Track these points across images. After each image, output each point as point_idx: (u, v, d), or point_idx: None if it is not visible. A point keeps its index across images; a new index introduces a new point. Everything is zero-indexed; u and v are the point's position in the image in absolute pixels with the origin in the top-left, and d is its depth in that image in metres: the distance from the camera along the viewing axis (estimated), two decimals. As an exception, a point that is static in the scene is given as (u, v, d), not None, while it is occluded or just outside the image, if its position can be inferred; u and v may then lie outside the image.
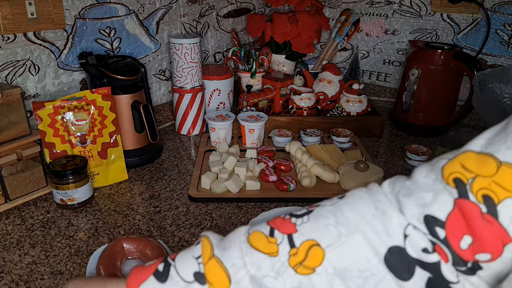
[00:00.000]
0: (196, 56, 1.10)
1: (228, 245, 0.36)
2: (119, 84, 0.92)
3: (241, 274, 0.34)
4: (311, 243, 0.33)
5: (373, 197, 0.35)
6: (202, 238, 0.37)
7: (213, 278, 0.34)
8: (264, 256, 0.34)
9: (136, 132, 0.97)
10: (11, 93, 0.76)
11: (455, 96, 1.18)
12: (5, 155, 0.76)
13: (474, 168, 0.30)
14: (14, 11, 0.80)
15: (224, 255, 0.35)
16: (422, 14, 1.33)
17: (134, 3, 1.06)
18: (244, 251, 0.35)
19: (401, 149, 1.10)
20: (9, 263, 0.65)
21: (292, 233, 0.35)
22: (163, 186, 0.90)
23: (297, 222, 0.35)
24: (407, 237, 0.32)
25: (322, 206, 0.37)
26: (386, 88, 1.46)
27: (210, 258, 0.35)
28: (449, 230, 0.30)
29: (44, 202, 0.82)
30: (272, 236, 0.35)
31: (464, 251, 0.30)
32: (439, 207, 0.31)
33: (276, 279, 0.33)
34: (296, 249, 0.34)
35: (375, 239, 0.32)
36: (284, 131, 1.09)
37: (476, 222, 0.29)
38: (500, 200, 0.29)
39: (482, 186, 0.29)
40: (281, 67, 1.38)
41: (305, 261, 0.33)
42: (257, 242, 0.35)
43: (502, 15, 1.19)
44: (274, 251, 0.34)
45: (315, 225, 0.35)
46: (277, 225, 0.36)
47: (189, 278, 0.35)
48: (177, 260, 0.37)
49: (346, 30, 1.37)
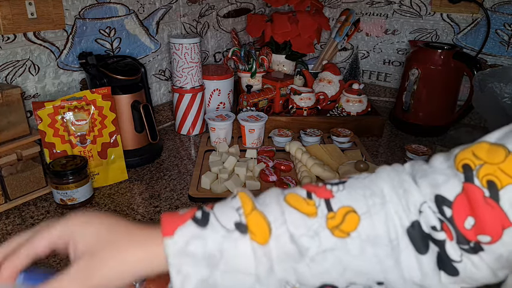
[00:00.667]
0: (196, 56, 1.10)
1: (267, 201, 0.37)
2: (118, 84, 0.92)
3: (282, 230, 0.34)
4: (348, 209, 0.35)
5: (399, 176, 0.37)
6: (238, 193, 0.38)
7: (256, 229, 0.34)
8: (303, 216, 0.35)
9: (136, 132, 0.97)
10: (11, 93, 0.77)
11: (455, 96, 1.18)
12: (5, 155, 0.76)
13: (484, 157, 0.32)
14: (14, 11, 0.80)
15: (266, 210, 0.35)
16: (422, 14, 1.33)
17: (134, 3, 1.06)
18: (283, 208, 0.35)
19: (401, 149, 1.10)
20: (9, 263, 0.65)
21: (329, 198, 0.36)
22: (163, 186, 0.90)
23: (333, 189, 0.37)
24: (422, 214, 0.34)
25: (355, 178, 0.38)
26: (386, 88, 1.46)
27: (253, 210, 0.35)
28: (455, 210, 0.32)
29: (44, 202, 0.82)
30: (310, 198, 0.36)
31: (467, 231, 0.32)
32: (448, 189, 0.33)
33: (313, 239, 0.34)
34: (334, 213, 0.35)
35: (401, 212, 0.34)
36: (284, 131, 1.09)
37: (479, 205, 0.31)
38: (503, 186, 0.30)
39: (488, 172, 0.31)
40: (281, 67, 1.38)
41: (341, 225, 0.34)
42: (296, 202, 0.36)
43: (502, 15, 1.19)
44: (313, 212, 0.35)
45: (351, 193, 0.36)
46: (313, 190, 0.37)
47: (230, 226, 0.35)
48: (216, 210, 0.37)
49: (346, 30, 1.37)
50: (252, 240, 0.34)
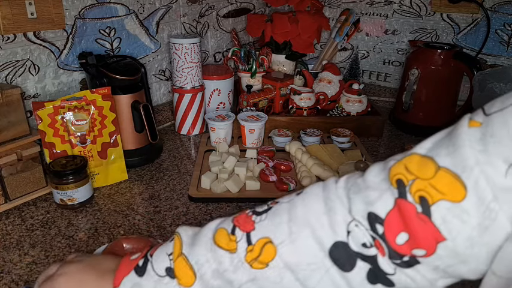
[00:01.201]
0: (196, 56, 1.10)
1: (196, 241, 0.40)
2: (118, 84, 0.92)
3: (205, 269, 0.38)
4: (265, 240, 0.37)
5: (325, 194, 0.38)
6: (176, 235, 0.42)
7: (180, 273, 0.39)
8: (225, 253, 0.38)
9: (136, 132, 0.97)
10: (11, 93, 0.77)
11: (455, 96, 1.18)
12: (5, 155, 0.76)
13: (415, 171, 0.32)
14: (14, 11, 0.80)
15: (191, 252, 0.40)
16: (422, 14, 1.33)
17: (134, 3, 1.06)
18: (209, 247, 0.39)
19: (401, 149, 1.10)
20: (9, 263, 0.65)
21: (250, 231, 0.38)
22: (163, 186, 0.90)
23: (256, 220, 0.39)
24: (350, 233, 0.35)
25: (280, 203, 0.40)
26: (387, 88, 1.46)
27: (179, 255, 0.40)
28: (386, 227, 0.33)
29: (44, 202, 0.82)
30: (233, 234, 0.39)
31: (400, 246, 0.33)
32: (380, 205, 0.34)
33: (235, 273, 0.37)
34: (252, 246, 0.37)
35: (322, 234, 0.35)
36: (284, 131, 1.09)
37: (412, 220, 0.32)
38: (434, 201, 0.31)
39: (419, 188, 0.32)
40: (281, 67, 1.38)
41: (259, 257, 0.37)
42: (220, 240, 0.39)
43: (502, 15, 1.19)
44: (233, 248, 0.38)
45: (270, 223, 0.38)
46: (239, 223, 0.40)
47: (162, 272, 0.40)
48: (154, 256, 0.42)
49: (346, 30, 1.37)
50: (179, 285, 0.39)
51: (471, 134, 0.31)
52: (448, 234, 0.31)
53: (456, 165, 0.31)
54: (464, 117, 0.33)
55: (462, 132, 0.31)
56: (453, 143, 0.32)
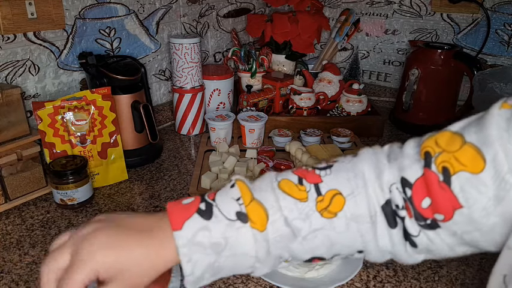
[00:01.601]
0: (196, 56, 1.10)
1: (263, 187, 0.40)
2: (118, 84, 0.92)
3: (278, 216, 0.38)
4: (334, 192, 0.39)
5: (377, 158, 0.41)
6: (236, 182, 0.41)
7: (255, 217, 0.38)
8: (296, 201, 0.39)
9: (137, 132, 0.97)
10: (11, 93, 0.77)
11: (455, 96, 1.18)
12: (5, 155, 0.76)
13: (443, 145, 0.36)
14: (14, 11, 0.80)
15: (262, 197, 0.39)
16: (422, 14, 1.33)
17: (134, 3, 1.06)
18: (278, 195, 0.39)
19: (402, 149, 1.09)
20: (9, 263, 0.65)
21: (318, 183, 0.40)
22: (163, 186, 0.90)
23: (321, 174, 0.41)
24: (391, 193, 0.39)
25: (340, 162, 0.42)
26: (387, 88, 1.46)
27: (251, 200, 0.39)
28: (414, 191, 0.37)
29: (44, 202, 0.82)
30: (301, 184, 0.40)
31: (424, 209, 0.37)
32: (411, 172, 0.38)
33: (304, 221, 0.38)
34: (322, 197, 0.39)
35: (378, 191, 0.39)
36: (284, 131, 1.09)
37: (434, 187, 0.35)
38: (455, 172, 0.34)
39: (443, 159, 0.35)
40: (281, 67, 1.38)
41: (329, 207, 0.39)
42: (289, 188, 0.40)
43: (502, 15, 1.19)
44: (304, 197, 0.39)
45: (336, 177, 0.40)
46: (304, 175, 0.41)
47: (232, 216, 0.38)
48: (218, 201, 0.39)
49: (346, 30, 1.37)
50: (252, 228, 0.37)
51: (501, 114, 0.33)
52: (465, 202, 0.34)
53: (480, 140, 0.34)
54: (499, 100, 0.35)
55: (493, 113, 0.34)
56: (483, 122, 0.34)
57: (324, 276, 0.62)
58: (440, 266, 0.65)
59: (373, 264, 0.66)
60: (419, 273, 0.64)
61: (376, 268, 0.65)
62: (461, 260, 0.66)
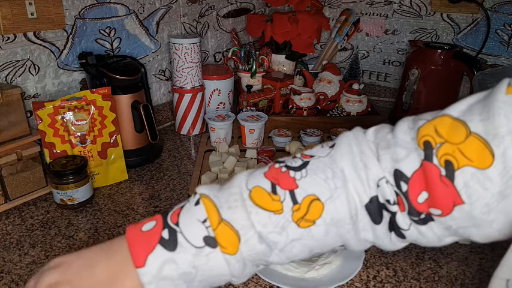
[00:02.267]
0: (196, 56, 1.10)
1: (232, 204, 0.36)
2: (118, 84, 0.92)
3: (251, 233, 0.35)
4: (312, 198, 0.36)
5: (359, 148, 0.37)
6: (201, 198, 0.37)
7: (226, 242, 0.35)
8: (270, 214, 0.35)
9: (137, 132, 0.97)
10: (11, 93, 0.77)
11: (455, 96, 1.18)
12: (5, 155, 0.76)
13: (445, 134, 0.32)
14: (14, 11, 0.80)
15: (232, 218, 0.36)
16: (422, 14, 1.33)
17: (134, 3, 1.06)
18: (249, 209, 0.36)
19: (401, 149, 1.09)
20: (9, 263, 0.65)
21: (293, 189, 0.36)
22: (163, 186, 0.90)
23: (296, 177, 0.37)
24: (379, 188, 0.35)
25: (317, 158, 0.38)
26: (387, 88, 1.46)
27: (220, 222, 0.35)
28: (411, 185, 0.34)
29: (44, 202, 0.82)
30: (275, 193, 0.36)
31: (420, 204, 0.34)
32: (407, 164, 0.34)
33: (280, 234, 0.35)
34: (299, 205, 0.35)
35: (361, 189, 0.35)
36: (284, 131, 1.09)
37: (435, 182, 0.32)
38: (459, 166, 0.31)
39: (446, 151, 0.32)
40: (281, 67, 1.38)
41: (306, 215, 0.35)
42: (261, 199, 0.36)
43: (502, 15, 1.19)
44: (278, 208, 0.36)
45: (313, 179, 0.36)
46: (277, 180, 0.37)
47: (199, 243, 0.35)
48: (182, 225, 0.36)
49: (346, 30, 1.37)
50: (223, 253, 0.35)
51: (508, 101, 0.30)
52: (467, 199, 0.31)
53: (488, 132, 0.30)
54: (503, 81, 0.31)
55: (499, 99, 0.30)
56: (488, 108, 0.31)
57: (324, 276, 0.62)
58: (440, 266, 0.65)
59: (373, 264, 0.66)
60: (419, 273, 0.64)
61: (376, 268, 0.65)
62: (461, 260, 0.66)
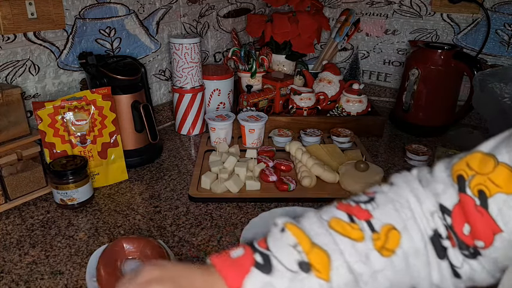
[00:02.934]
0: (196, 56, 1.10)
1: (317, 230, 0.37)
2: (118, 84, 0.92)
3: (340, 261, 0.35)
4: (389, 227, 0.36)
5: (410, 184, 0.39)
6: (286, 225, 0.37)
7: (320, 266, 0.35)
8: (353, 242, 0.36)
9: (137, 132, 0.97)
10: (11, 93, 0.77)
11: (455, 96, 1.18)
12: (5, 155, 0.76)
13: (476, 167, 0.35)
14: (14, 11, 0.80)
15: (322, 242, 0.36)
16: (422, 14, 1.33)
17: (134, 3, 1.06)
18: (334, 236, 0.36)
19: (401, 149, 1.10)
20: (9, 263, 0.65)
21: (369, 219, 0.37)
22: (163, 186, 0.90)
23: (369, 208, 0.38)
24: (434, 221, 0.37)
25: (381, 193, 0.40)
26: (387, 88, 1.46)
27: (312, 246, 0.35)
28: (454, 218, 0.35)
29: (44, 202, 0.82)
30: (353, 222, 0.37)
31: (466, 236, 0.35)
32: (447, 198, 0.36)
33: (365, 264, 0.35)
34: (378, 234, 0.36)
35: (424, 220, 0.37)
36: (284, 131, 1.09)
37: (471, 212, 0.34)
38: (491, 194, 0.33)
39: (478, 182, 0.34)
40: (281, 67, 1.38)
41: (386, 244, 0.36)
42: (342, 228, 0.36)
43: (502, 15, 1.19)
44: (360, 236, 0.36)
45: (386, 210, 0.37)
46: (351, 212, 0.38)
47: (294, 267, 0.35)
48: (273, 249, 0.36)
49: (346, 30, 1.37)
50: (318, 278, 0.35)
51: None
52: (504, 226, 0.33)
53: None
54: None
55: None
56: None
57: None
58: None
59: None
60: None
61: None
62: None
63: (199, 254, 0.68)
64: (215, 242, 0.71)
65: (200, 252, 0.68)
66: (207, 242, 0.71)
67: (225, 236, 0.73)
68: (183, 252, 0.68)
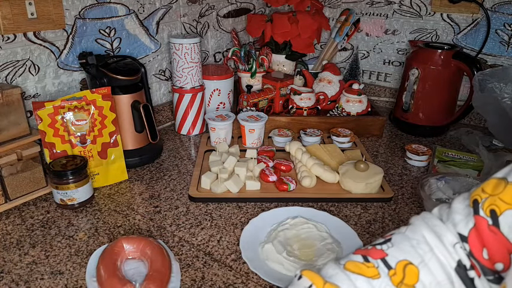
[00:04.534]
0: (196, 56, 1.10)
1: (331, 272, 0.38)
2: (118, 84, 0.92)
3: None
4: (405, 262, 0.37)
5: (430, 222, 0.40)
6: (302, 272, 0.39)
7: None
8: (368, 280, 0.37)
9: (137, 132, 0.97)
10: (11, 93, 0.77)
11: (455, 96, 1.18)
12: (5, 155, 0.76)
13: (489, 191, 0.36)
14: (14, 11, 0.80)
15: (336, 279, 0.37)
16: (422, 14, 1.33)
17: (134, 3, 1.06)
18: (350, 276, 0.37)
19: (401, 149, 1.10)
20: (9, 263, 0.65)
21: (384, 257, 0.38)
22: (163, 186, 0.90)
23: (383, 248, 0.39)
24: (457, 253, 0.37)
25: (397, 234, 0.41)
26: (387, 88, 1.46)
27: (325, 283, 0.37)
28: (470, 243, 0.36)
29: (44, 202, 0.82)
30: (367, 261, 0.38)
31: (486, 261, 0.35)
32: (463, 226, 0.37)
33: None
34: (394, 270, 0.37)
35: (446, 253, 0.37)
36: (284, 131, 1.09)
37: (485, 233, 0.34)
38: (501, 212, 0.34)
39: (490, 203, 0.35)
40: (281, 67, 1.38)
41: (404, 279, 0.36)
42: (357, 268, 0.38)
43: (502, 15, 1.19)
44: (375, 273, 0.37)
45: (401, 248, 0.38)
46: (366, 253, 0.39)
47: None
48: None
49: (346, 30, 1.37)
50: None
51: None
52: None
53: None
54: None
55: None
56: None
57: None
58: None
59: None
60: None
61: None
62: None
63: (199, 254, 0.68)
64: (215, 242, 0.71)
65: (200, 252, 0.69)
66: (207, 242, 0.71)
67: (225, 236, 0.73)
68: (183, 252, 0.68)
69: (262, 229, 0.73)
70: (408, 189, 0.90)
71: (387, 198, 0.84)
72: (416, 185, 0.91)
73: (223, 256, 0.68)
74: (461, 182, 0.81)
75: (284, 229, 0.72)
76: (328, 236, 0.71)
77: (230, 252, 0.68)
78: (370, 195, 0.84)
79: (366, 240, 0.72)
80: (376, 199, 0.84)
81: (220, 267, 0.65)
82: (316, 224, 0.73)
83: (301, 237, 0.71)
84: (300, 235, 0.71)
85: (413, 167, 1.00)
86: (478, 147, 0.99)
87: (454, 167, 0.94)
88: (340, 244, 0.69)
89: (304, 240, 0.70)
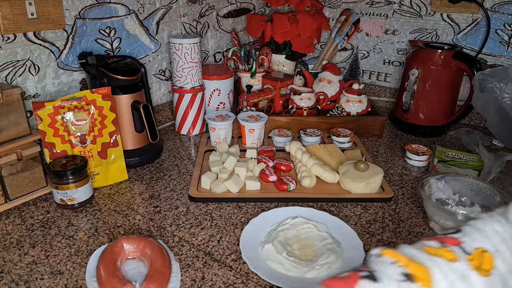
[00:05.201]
0: (196, 56, 1.10)
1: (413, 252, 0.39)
2: (118, 84, 0.92)
3: (440, 277, 0.37)
4: (481, 249, 0.38)
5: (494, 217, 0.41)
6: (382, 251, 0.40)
7: (422, 276, 0.37)
8: (448, 262, 0.38)
9: (137, 132, 0.97)
10: (11, 93, 0.77)
11: (455, 96, 1.18)
12: (5, 155, 0.76)
13: None
14: (14, 11, 0.80)
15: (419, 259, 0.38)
16: (422, 14, 1.33)
17: (134, 3, 1.06)
18: (430, 257, 0.38)
19: (401, 149, 1.10)
20: (9, 263, 0.65)
21: (460, 244, 0.39)
22: (163, 186, 0.90)
23: (458, 236, 0.40)
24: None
25: (467, 225, 0.42)
26: (387, 88, 1.46)
27: (410, 261, 0.38)
28: None
29: (44, 202, 0.82)
30: (445, 246, 0.39)
31: None
32: None
33: (464, 282, 0.37)
34: (472, 255, 0.38)
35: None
36: (284, 131, 1.09)
37: None
38: None
39: None
40: (281, 67, 1.38)
41: (482, 264, 0.37)
42: (435, 251, 0.39)
43: (502, 15, 1.19)
44: (454, 257, 0.38)
45: (475, 237, 0.40)
46: (441, 240, 0.40)
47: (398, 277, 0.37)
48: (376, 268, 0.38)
49: (346, 30, 1.37)
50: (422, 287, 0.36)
51: None
52: None
53: None
54: None
55: None
56: None
57: (324, 277, 0.62)
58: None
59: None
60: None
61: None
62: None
63: (199, 254, 0.68)
64: (215, 242, 0.71)
65: (200, 252, 0.69)
66: (207, 242, 0.71)
67: (225, 236, 0.73)
68: (183, 252, 0.68)
69: (262, 229, 0.73)
70: (408, 189, 0.90)
71: (387, 198, 0.84)
72: (416, 185, 0.91)
73: (223, 256, 0.68)
74: (462, 182, 0.81)
75: (284, 229, 0.72)
76: (328, 236, 0.71)
77: (230, 252, 0.68)
78: (370, 195, 0.84)
79: (366, 241, 0.72)
80: (376, 199, 0.84)
81: (220, 267, 0.65)
82: (316, 224, 0.73)
83: (301, 237, 0.71)
84: (300, 235, 0.71)
85: (413, 167, 1.00)
86: (478, 147, 0.98)
87: (454, 167, 0.94)
88: (340, 244, 0.70)
89: (304, 240, 0.70)
